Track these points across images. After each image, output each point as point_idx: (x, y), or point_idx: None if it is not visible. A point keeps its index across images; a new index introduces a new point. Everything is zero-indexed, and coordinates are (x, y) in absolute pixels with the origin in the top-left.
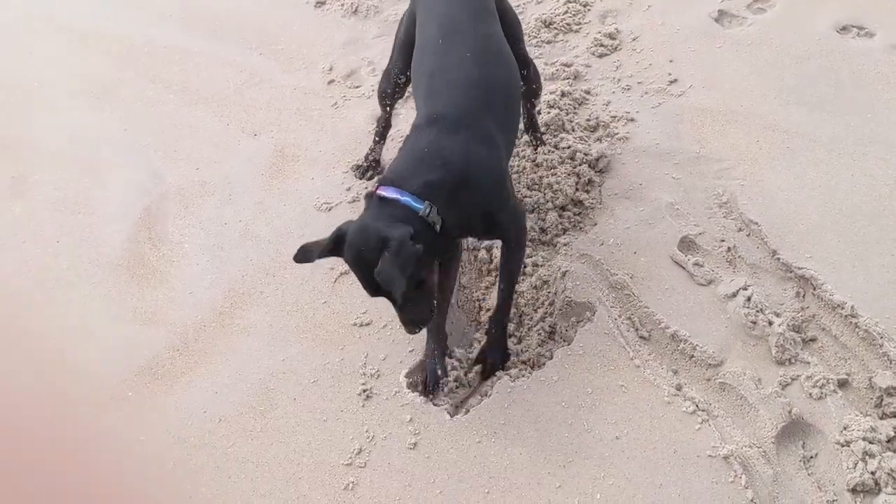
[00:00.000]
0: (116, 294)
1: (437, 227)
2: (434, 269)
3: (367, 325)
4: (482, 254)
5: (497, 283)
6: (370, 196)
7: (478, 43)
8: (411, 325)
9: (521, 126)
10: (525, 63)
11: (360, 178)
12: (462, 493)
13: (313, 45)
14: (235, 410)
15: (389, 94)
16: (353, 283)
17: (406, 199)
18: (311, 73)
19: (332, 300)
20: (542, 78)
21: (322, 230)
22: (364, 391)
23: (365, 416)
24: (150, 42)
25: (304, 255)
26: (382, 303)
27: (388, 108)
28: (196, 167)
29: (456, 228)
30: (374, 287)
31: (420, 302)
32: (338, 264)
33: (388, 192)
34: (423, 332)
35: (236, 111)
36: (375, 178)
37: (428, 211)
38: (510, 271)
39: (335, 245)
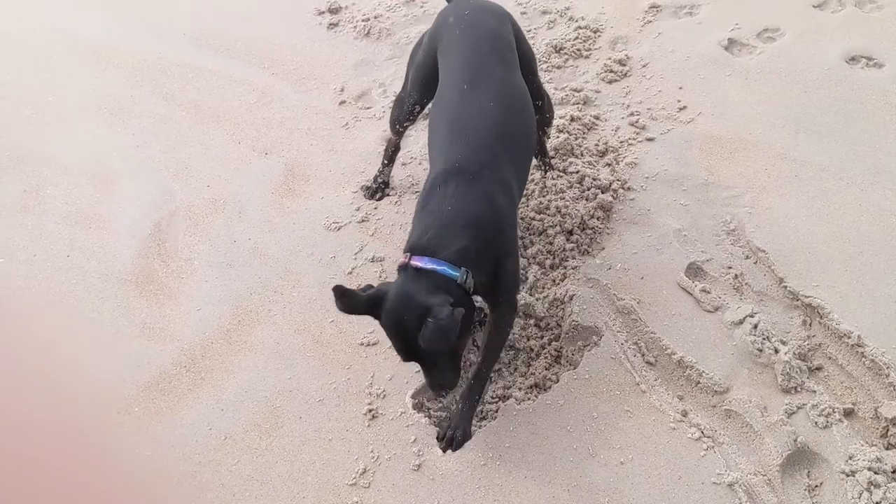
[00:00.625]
0: (125, 309)
1: (471, 289)
2: (468, 332)
3: (374, 344)
4: None
5: (478, 356)
6: (404, 266)
7: (501, 91)
8: (440, 388)
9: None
10: (539, 95)
11: (369, 199)
12: None
13: (325, 66)
14: (241, 428)
15: (402, 121)
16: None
17: (442, 267)
18: (322, 93)
19: (340, 319)
20: (553, 107)
21: (331, 249)
22: (370, 411)
23: (370, 436)
24: (164, 60)
25: (345, 302)
26: None
27: (399, 134)
28: (207, 184)
29: (479, 286)
30: (408, 352)
31: (451, 366)
32: (346, 284)
33: (423, 263)
34: None
35: (248, 130)
36: (406, 250)
37: (465, 278)
38: (495, 348)
39: (371, 306)
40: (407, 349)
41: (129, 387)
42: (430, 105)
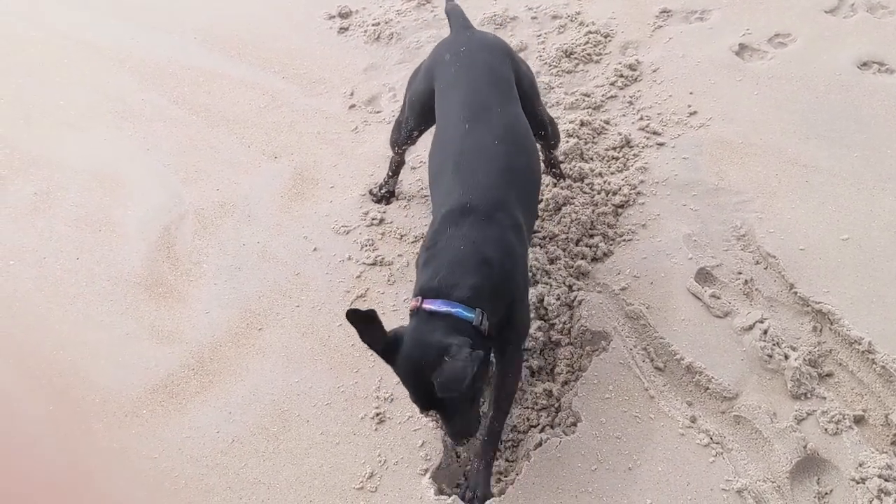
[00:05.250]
0: (134, 312)
1: (486, 332)
2: (486, 377)
3: None
4: None
5: (489, 411)
6: (417, 310)
7: (504, 127)
8: (459, 437)
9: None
10: (542, 125)
11: (376, 203)
12: None
13: (335, 70)
14: (248, 431)
15: (401, 144)
16: (368, 306)
17: (457, 310)
18: (332, 97)
19: (348, 324)
20: (559, 129)
21: (339, 253)
22: (377, 415)
23: (378, 439)
24: (174, 63)
25: (366, 330)
26: (399, 319)
27: (400, 154)
28: (216, 188)
29: (493, 328)
30: (426, 401)
31: (470, 412)
32: (354, 288)
33: (437, 306)
34: None
35: (257, 133)
36: (416, 293)
37: (481, 319)
38: (506, 396)
39: (386, 351)
40: (425, 397)
41: (137, 389)
42: (427, 129)
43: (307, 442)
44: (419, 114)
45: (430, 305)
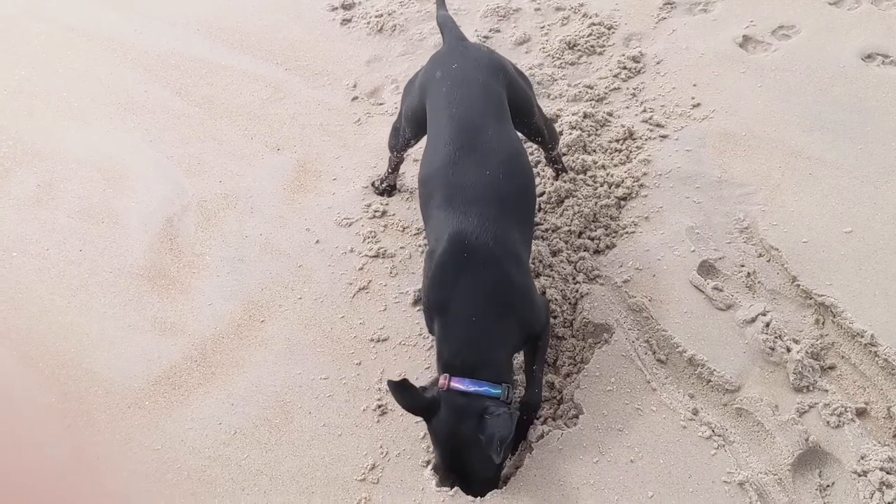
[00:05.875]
0: (136, 303)
1: (511, 402)
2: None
3: (385, 340)
4: None
5: (526, 372)
6: (445, 388)
7: (498, 153)
8: (473, 494)
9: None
10: (539, 132)
11: (378, 196)
12: None
13: (338, 62)
14: (250, 423)
15: (399, 149)
16: (371, 299)
17: (484, 388)
18: (335, 89)
19: (350, 315)
20: (563, 120)
21: (342, 245)
22: (379, 407)
23: (380, 431)
24: (177, 55)
25: (404, 396)
26: (400, 319)
27: (398, 156)
28: (219, 180)
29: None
30: (454, 467)
31: (492, 485)
32: (356, 280)
33: (465, 386)
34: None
35: (260, 125)
36: (442, 369)
37: (507, 394)
38: (540, 360)
39: (426, 411)
40: (456, 461)
41: (140, 381)
42: (425, 135)
43: (309, 433)
44: (415, 126)
45: (458, 385)
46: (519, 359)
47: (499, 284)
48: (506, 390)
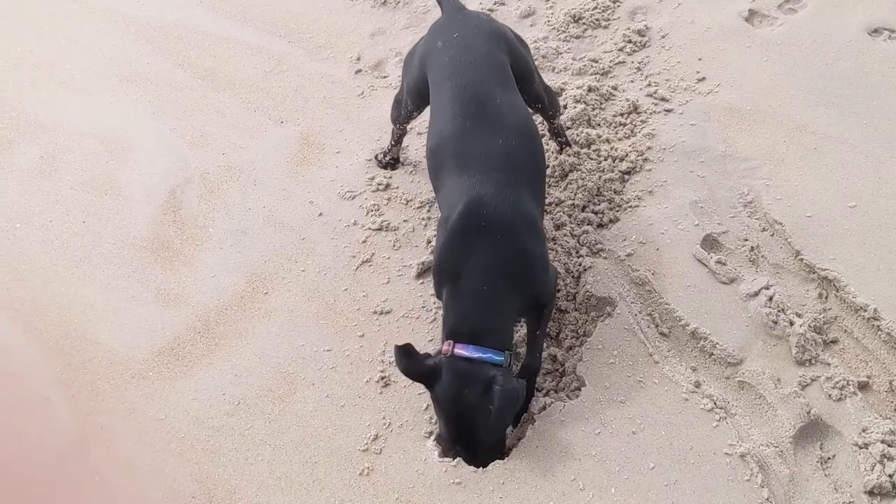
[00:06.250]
0: (140, 275)
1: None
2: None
3: (388, 313)
4: None
5: (529, 338)
6: (450, 355)
7: (505, 121)
8: (478, 465)
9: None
10: (540, 99)
11: (382, 169)
12: (476, 483)
13: (342, 35)
14: (254, 394)
15: (402, 122)
16: (374, 271)
17: (488, 355)
18: (338, 62)
19: (354, 288)
20: (566, 95)
21: (345, 218)
22: (382, 378)
23: (382, 403)
24: (180, 27)
25: (407, 362)
26: (403, 292)
27: (401, 128)
28: (222, 152)
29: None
30: (460, 432)
31: (497, 451)
32: (359, 253)
33: (469, 352)
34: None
35: (263, 98)
36: (447, 335)
37: (509, 361)
38: (543, 328)
39: (429, 378)
40: (461, 428)
41: (144, 351)
42: (427, 107)
43: (312, 404)
44: (417, 98)
45: (462, 351)
46: (521, 332)
47: (515, 253)
48: (508, 357)
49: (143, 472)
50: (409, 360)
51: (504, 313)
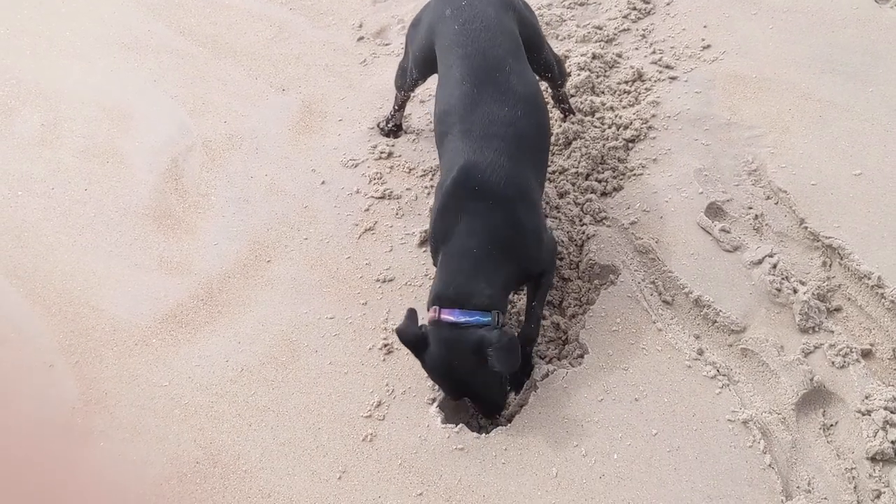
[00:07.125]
0: (142, 243)
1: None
2: None
3: (390, 281)
4: None
5: (527, 307)
6: (436, 322)
7: (512, 89)
8: (493, 413)
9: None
10: (549, 67)
11: (384, 136)
12: (479, 449)
13: (343, 2)
14: (257, 361)
15: (406, 89)
16: (376, 239)
17: (475, 318)
18: (340, 29)
19: (356, 256)
20: (570, 62)
21: (347, 186)
22: (385, 346)
23: (385, 369)
24: None
25: (405, 325)
26: (406, 260)
27: (405, 95)
28: (224, 120)
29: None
30: (459, 390)
31: (500, 392)
32: (362, 221)
33: (455, 317)
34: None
35: (265, 65)
36: (433, 300)
37: (497, 320)
38: (541, 298)
39: (416, 346)
40: (458, 387)
41: (147, 319)
42: (432, 75)
43: (315, 371)
44: (423, 66)
45: (448, 316)
46: (520, 303)
47: (506, 222)
48: (496, 316)
49: (148, 438)
50: (406, 324)
51: (492, 276)
